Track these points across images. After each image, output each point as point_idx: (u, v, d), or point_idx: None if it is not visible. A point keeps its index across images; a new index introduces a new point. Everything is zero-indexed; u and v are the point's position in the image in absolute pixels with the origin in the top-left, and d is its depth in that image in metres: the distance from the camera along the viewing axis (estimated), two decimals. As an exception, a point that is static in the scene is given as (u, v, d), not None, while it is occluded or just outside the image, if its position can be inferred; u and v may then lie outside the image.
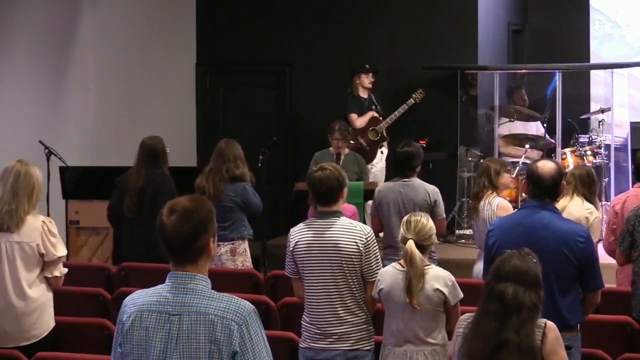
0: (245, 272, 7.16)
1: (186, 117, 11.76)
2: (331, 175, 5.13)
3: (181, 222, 3.21)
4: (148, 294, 3.28)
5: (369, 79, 10.42)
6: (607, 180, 10.25)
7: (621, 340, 5.60)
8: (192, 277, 3.23)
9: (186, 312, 3.18)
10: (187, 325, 3.17)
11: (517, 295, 3.73)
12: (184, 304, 3.19)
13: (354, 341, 5.11)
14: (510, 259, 3.84)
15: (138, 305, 3.26)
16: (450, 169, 10.70)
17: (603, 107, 10.78)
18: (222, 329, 3.14)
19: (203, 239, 3.23)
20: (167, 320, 3.19)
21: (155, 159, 7.38)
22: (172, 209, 3.24)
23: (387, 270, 5.09)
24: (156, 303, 3.23)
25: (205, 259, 3.27)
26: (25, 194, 5.47)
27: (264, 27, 11.53)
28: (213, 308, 3.17)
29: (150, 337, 3.19)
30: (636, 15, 12.19)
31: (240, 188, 7.45)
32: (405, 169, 6.98)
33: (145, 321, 3.21)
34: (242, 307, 3.19)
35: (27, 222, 5.47)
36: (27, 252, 5.47)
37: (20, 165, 5.53)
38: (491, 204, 6.96)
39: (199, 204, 3.28)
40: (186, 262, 3.24)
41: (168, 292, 3.23)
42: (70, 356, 5.31)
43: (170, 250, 3.25)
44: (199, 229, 3.22)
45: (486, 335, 3.73)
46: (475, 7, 10.93)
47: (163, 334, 3.18)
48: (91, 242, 9.07)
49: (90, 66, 10.85)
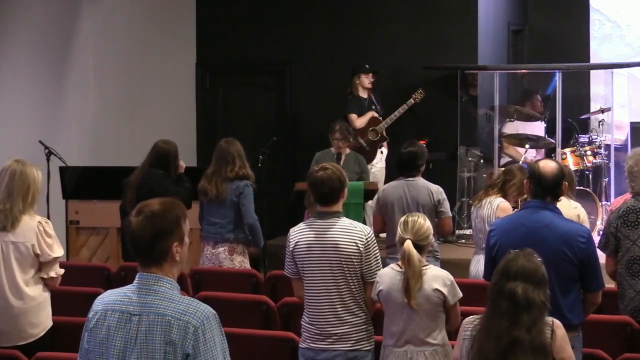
0: (245, 272, 7.16)
1: (186, 117, 11.76)
2: (333, 175, 5.13)
3: (145, 224, 3.23)
4: (115, 292, 3.32)
5: (369, 79, 10.42)
6: (607, 180, 10.26)
7: (621, 340, 5.60)
8: (158, 279, 3.25)
9: (146, 313, 3.20)
10: (145, 325, 3.19)
11: (528, 293, 3.74)
12: (145, 304, 3.22)
13: (354, 341, 5.10)
14: (516, 258, 3.85)
15: (104, 303, 3.30)
16: (450, 169, 10.71)
17: (603, 107, 10.79)
18: (177, 330, 3.15)
19: (165, 243, 3.24)
20: (128, 320, 3.22)
21: (164, 162, 7.34)
22: (139, 210, 3.28)
23: (386, 271, 5.09)
24: (120, 302, 3.26)
25: (171, 263, 3.28)
26: (20, 194, 5.47)
27: (264, 27, 11.53)
28: (171, 309, 3.19)
29: (112, 336, 3.22)
30: (636, 15, 12.19)
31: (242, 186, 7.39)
32: (409, 169, 6.99)
33: (108, 320, 3.24)
34: (200, 310, 3.19)
35: (22, 222, 5.46)
36: (22, 252, 5.46)
37: (17, 165, 5.52)
38: (492, 204, 6.97)
39: (167, 208, 3.29)
40: (151, 263, 3.26)
41: (132, 293, 3.26)
42: (70, 356, 5.29)
43: (133, 250, 3.28)
44: (161, 232, 3.23)
45: (498, 334, 3.73)
46: (475, 7, 10.93)
47: (123, 334, 3.21)
48: (91, 242, 9.07)
49: (90, 66, 10.85)
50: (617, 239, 5.77)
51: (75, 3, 10.61)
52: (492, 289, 3.85)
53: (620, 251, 5.77)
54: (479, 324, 3.89)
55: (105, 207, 7.91)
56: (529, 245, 4.13)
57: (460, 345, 4.00)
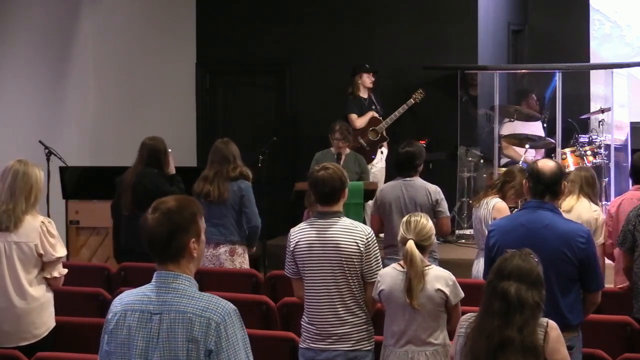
0: (245, 272, 7.16)
1: (186, 117, 11.76)
2: (334, 175, 5.13)
3: (161, 221, 3.23)
4: (133, 293, 3.31)
5: (370, 79, 10.41)
6: (607, 181, 10.25)
7: (621, 340, 5.60)
8: (176, 276, 3.25)
9: (167, 311, 3.20)
10: (166, 324, 3.19)
11: (520, 293, 3.72)
12: (166, 303, 3.21)
13: (355, 342, 5.10)
14: (512, 258, 3.84)
15: (123, 304, 3.29)
16: (450, 169, 10.71)
17: (603, 107, 10.79)
18: (199, 327, 3.15)
19: (181, 239, 3.24)
20: (149, 320, 3.21)
21: (155, 159, 7.36)
22: (155, 207, 3.28)
23: (387, 271, 5.08)
24: (139, 302, 3.25)
25: (188, 260, 3.28)
26: (23, 194, 5.46)
27: (263, 27, 11.53)
28: (192, 307, 3.19)
29: (133, 336, 3.22)
30: (636, 16, 12.20)
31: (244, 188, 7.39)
32: (407, 169, 7.00)
33: (128, 320, 3.24)
34: (221, 306, 3.20)
35: (25, 222, 5.45)
36: (25, 252, 5.45)
37: (19, 165, 5.51)
38: (488, 204, 6.98)
39: (183, 204, 3.30)
40: (167, 261, 3.26)
41: (151, 292, 3.26)
42: (70, 356, 5.30)
43: (149, 248, 3.28)
44: (178, 228, 3.24)
45: (489, 333, 3.72)
46: (475, 7, 10.94)
47: (145, 333, 3.21)
48: (91, 242, 9.07)
49: (90, 66, 10.85)
50: (634, 237, 5.78)
51: (75, 3, 10.61)
52: (486, 288, 3.85)
53: (637, 250, 5.78)
54: (473, 322, 3.89)
55: (106, 207, 7.90)
56: (528, 245, 4.12)
57: (456, 342, 4.01)
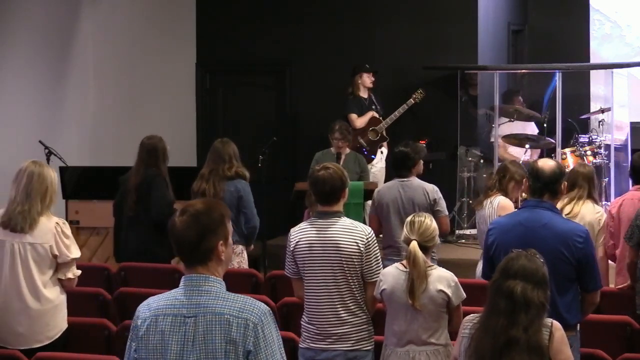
0: (245, 272, 7.16)
1: (186, 117, 11.76)
2: (334, 175, 5.12)
3: (190, 223, 3.23)
4: (162, 298, 3.29)
5: (371, 78, 10.41)
6: (607, 181, 10.25)
7: (621, 340, 5.60)
8: (206, 279, 3.25)
9: (201, 314, 3.19)
10: (202, 326, 3.18)
11: (526, 292, 3.72)
12: (199, 306, 3.21)
13: (355, 341, 5.10)
14: (518, 258, 3.83)
15: (153, 309, 3.26)
16: (450, 169, 10.71)
17: (603, 107, 10.79)
18: (237, 328, 3.16)
19: (210, 242, 3.24)
20: (182, 323, 3.20)
21: (154, 157, 7.37)
22: (184, 210, 3.28)
23: (390, 271, 5.08)
24: (170, 306, 3.24)
25: (217, 262, 3.28)
26: (39, 195, 5.43)
27: (263, 27, 11.53)
28: (228, 308, 3.19)
29: (167, 341, 3.20)
30: (636, 15, 12.19)
31: (240, 188, 7.40)
32: (401, 169, 7.01)
33: (160, 325, 3.22)
34: (257, 307, 3.21)
35: (40, 224, 5.43)
36: (40, 253, 5.44)
37: (34, 166, 5.48)
38: (492, 203, 6.96)
39: (211, 207, 3.30)
40: (196, 263, 3.25)
41: (182, 295, 3.24)
42: (70, 356, 5.31)
43: (178, 251, 3.28)
44: (206, 231, 3.23)
45: (495, 333, 3.72)
46: (475, 7, 10.94)
47: (179, 337, 3.19)
48: (91, 242, 9.07)
49: (90, 66, 10.86)
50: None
51: (75, 3, 10.61)
52: (491, 287, 3.84)
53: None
54: (477, 322, 3.88)
55: (106, 207, 7.91)
56: (526, 244, 4.13)
57: (460, 343, 4.00)
